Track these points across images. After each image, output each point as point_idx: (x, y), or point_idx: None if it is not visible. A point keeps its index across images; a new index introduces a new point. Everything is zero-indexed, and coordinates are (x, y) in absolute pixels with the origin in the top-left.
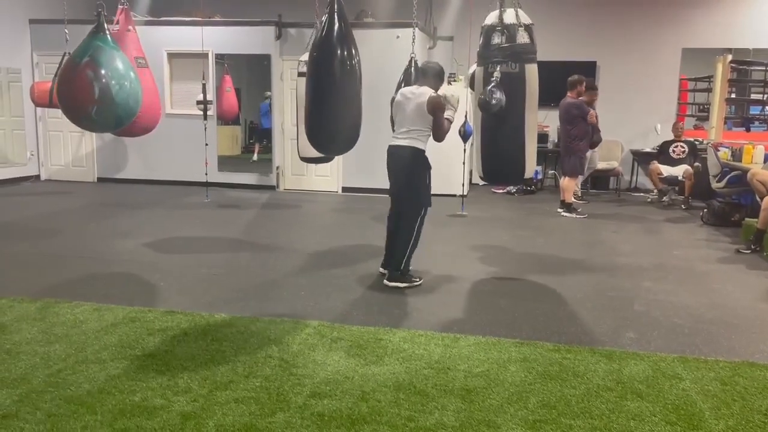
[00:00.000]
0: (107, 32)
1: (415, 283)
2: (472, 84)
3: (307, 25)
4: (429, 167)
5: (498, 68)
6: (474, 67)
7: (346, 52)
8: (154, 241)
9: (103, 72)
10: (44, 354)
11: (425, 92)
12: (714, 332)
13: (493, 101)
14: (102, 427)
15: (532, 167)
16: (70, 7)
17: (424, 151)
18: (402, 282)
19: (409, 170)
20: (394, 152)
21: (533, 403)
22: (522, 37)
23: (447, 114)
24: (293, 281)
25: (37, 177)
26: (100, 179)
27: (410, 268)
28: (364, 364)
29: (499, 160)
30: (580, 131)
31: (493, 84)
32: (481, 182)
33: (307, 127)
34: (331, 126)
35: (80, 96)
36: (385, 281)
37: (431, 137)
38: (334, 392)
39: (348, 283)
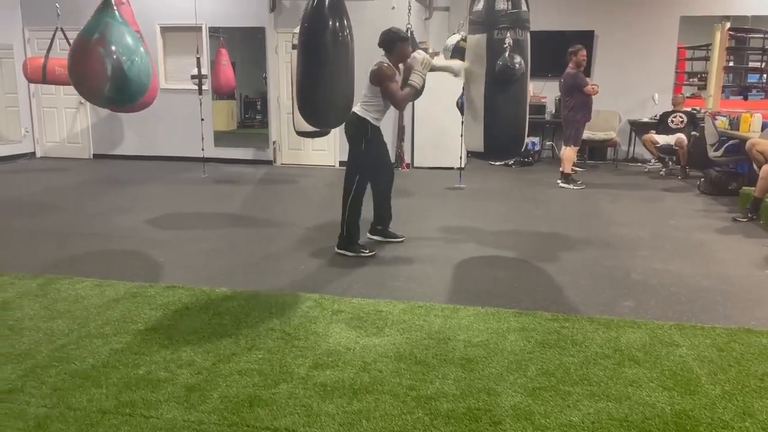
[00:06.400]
0: (115, 7)
1: (363, 255)
2: (454, 54)
3: None
4: (367, 137)
5: (508, 34)
6: (454, 37)
7: (337, 23)
8: (153, 217)
9: (113, 48)
10: (47, 329)
11: (377, 62)
12: (710, 300)
13: (517, 66)
14: (108, 400)
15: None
16: None
17: (367, 120)
18: (348, 251)
19: (349, 137)
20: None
21: (532, 371)
22: (524, 5)
23: (412, 79)
24: (292, 255)
25: (33, 154)
26: (96, 156)
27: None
28: (365, 336)
29: (503, 134)
30: (576, 102)
31: (508, 50)
32: None
33: (299, 100)
34: (320, 99)
35: (93, 74)
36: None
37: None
38: (336, 363)
39: (347, 256)
